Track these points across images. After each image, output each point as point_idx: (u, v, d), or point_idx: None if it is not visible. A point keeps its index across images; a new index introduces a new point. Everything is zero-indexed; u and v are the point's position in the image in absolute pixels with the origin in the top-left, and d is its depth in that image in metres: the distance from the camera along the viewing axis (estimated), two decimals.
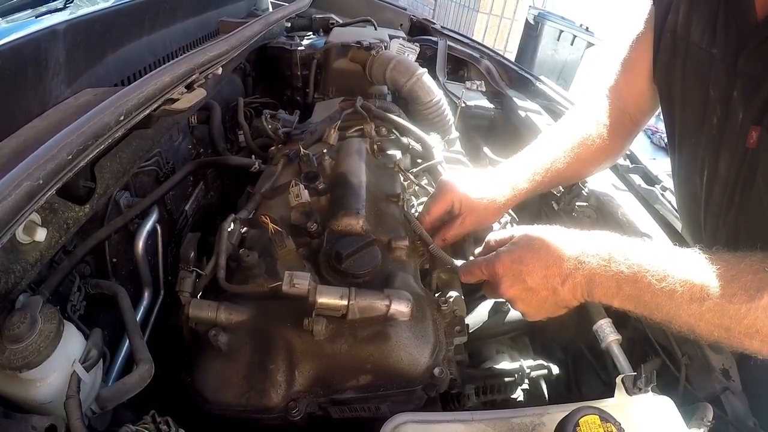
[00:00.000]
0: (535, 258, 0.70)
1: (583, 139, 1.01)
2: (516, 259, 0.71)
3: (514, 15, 5.16)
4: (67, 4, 1.25)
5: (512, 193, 0.97)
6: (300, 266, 0.87)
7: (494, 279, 0.74)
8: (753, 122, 0.73)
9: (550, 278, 0.70)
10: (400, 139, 1.35)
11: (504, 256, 0.73)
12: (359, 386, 0.75)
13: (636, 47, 0.98)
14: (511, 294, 0.73)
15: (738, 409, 0.77)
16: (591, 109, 1.05)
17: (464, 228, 0.97)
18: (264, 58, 1.95)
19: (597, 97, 1.06)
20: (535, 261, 0.70)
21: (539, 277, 0.70)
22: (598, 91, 1.07)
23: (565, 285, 0.69)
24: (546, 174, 0.98)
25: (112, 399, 0.63)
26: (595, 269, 0.67)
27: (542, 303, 0.73)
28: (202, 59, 0.93)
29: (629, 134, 1.07)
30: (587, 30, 5.47)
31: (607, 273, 0.67)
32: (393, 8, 2.60)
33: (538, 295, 0.72)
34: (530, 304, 0.73)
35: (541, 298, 0.72)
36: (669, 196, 1.23)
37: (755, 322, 0.58)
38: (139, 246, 0.93)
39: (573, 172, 1.02)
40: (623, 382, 0.71)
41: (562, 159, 0.99)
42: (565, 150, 1.00)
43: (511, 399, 0.93)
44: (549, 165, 0.98)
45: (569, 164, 0.99)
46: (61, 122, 0.81)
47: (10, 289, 0.64)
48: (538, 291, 0.71)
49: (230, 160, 1.27)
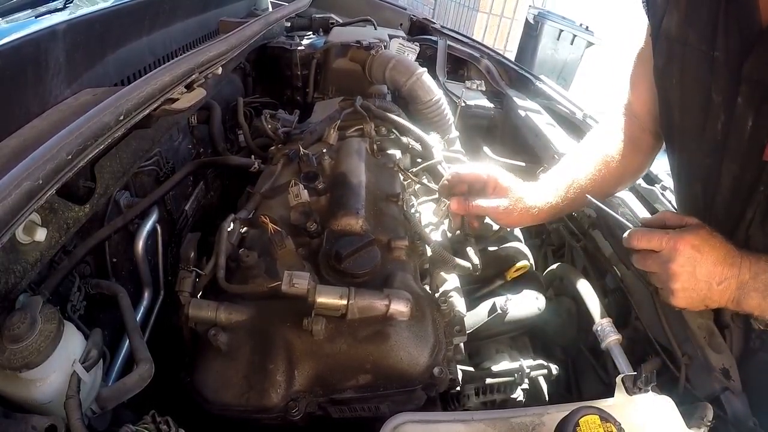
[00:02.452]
0: (711, 253, 0.73)
1: (605, 160, 1.01)
2: (698, 245, 0.74)
3: (514, 14, 5.16)
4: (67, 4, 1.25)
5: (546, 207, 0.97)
6: (299, 266, 0.87)
7: (670, 253, 0.75)
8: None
9: (714, 275, 0.73)
10: (399, 139, 1.35)
11: (689, 237, 0.74)
12: (359, 386, 0.75)
13: (639, 62, 0.99)
14: (676, 271, 0.75)
15: (738, 409, 0.77)
16: (610, 129, 1.06)
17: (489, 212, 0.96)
18: (264, 58, 1.95)
19: (615, 116, 1.07)
20: (711, 255, 0.73)
21: (707, 269, 0.73)
22: (615, 110, 1.07)
23: (720, 285, 0.73)
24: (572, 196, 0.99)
25: (112, 399, 0.63)
26: (746, 280, 0.72)
27: (694, 292, 0.75)
28: (202, 59, 0.93)
29: (651, 149, 1.06)
30: (587, 29, 5.46)
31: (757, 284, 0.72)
32: (393, 8, 2.60)
33: (696, 285, 0.74)
34: (685, 288, 0.75)
35: (697, 288, 0.75)
36: (669, 195, 1.23)
37: None
38: (139, 246, 0.93)
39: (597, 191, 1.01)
40: (623, 382, 0.71)
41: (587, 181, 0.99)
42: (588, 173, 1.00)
43: (511, 399, 0.93)
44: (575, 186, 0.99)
45: (594, 185, 1.00)
46: (61, 122, 0.81)
47: (10, 289, 0.64)
48: (699, 281, 0.74)
49: (230, 160, 1.27)
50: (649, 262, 0.79)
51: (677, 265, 0.74)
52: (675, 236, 0.75)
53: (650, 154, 1.07)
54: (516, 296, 1.04)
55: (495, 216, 0.97)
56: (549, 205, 0.97)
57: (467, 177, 0.98)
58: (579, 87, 5.58)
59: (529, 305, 1.03)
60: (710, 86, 0.79)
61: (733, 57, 0.74)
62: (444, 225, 1.10)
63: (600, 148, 1.03)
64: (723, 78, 0.76)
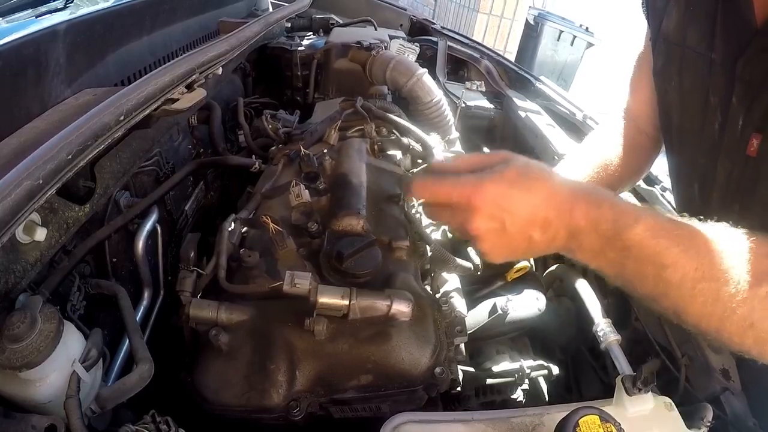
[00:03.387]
0: (523, 200, 0.57)
1: (603, 163, 1.02)
2: (501, 194, 0.57)
3: (514, 15, 5.16)
4: (67, 4, 1.25)
5: None
6: (301, 266, 0.87)
7: (467, 209, 0.59)
8: (754, 130, 0.72)
9: (532, 226, 0.59)
10: (400, 140, 1.35)
11: (489, 186, 0.57)
12: (360, 386, 0.75)
13: (639, 66, 1.00)
14: (480, 232, 0.59)
15: (738, 409, 0.77)
16: (609, 132, 1.07)
17: None
18: (264, 59, 1.95)
19: (614, 120, 1.07)
20: (523, 204, 0.57)
21: (521, 222, 0.58)
22: (615, 113, 1.08)
23: (544, 235, 0.59)
24: None
25: (112, 399, 0.63)
26: (582, 227, 0.58)
27: (511, 248, 0.62)
28: (202, 59, 0.93)
29: (649, 152, 1.07)
30: (587, 30, 5.46)
31: (594, 232, 0.58)
32: (393, 8, 2.60)
33: (512, 241, 0.60)
34: (497, 246, 0.61)
35: (513, 243, 0.60)
36: (669, 196, 1.23)
37: (751, 313, 0.52)
38: (139, 246, 0.92)
39: None
40: (623, 383, 0.71)
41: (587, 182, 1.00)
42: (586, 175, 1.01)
43: (511, 399, 0.93)
44: None
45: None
46: (61, 122, 0.81)
47: (10, 289, 0.64)
48: (513, 236, 0.59)
49: (230, 160, 1.27)
50: (445, 218, 0.64)
51: (477, 223, 0.58)
52: (469, 186, 0.58)
53: (649, 157, 1.08)
54: (516, 297, 1.04)
55: None
56: None
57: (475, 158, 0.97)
58: (579, 88, 5.58)
59: (530, 306, 1.03)
60: (708, 88, 0.79)
61: (728, 58, 0.75)
62: (444, 225, 1.10)
63: (599, 151, 1.04)
64: (720, 79, 0.77)
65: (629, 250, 0.57)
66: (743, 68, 0.72)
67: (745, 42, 0.71)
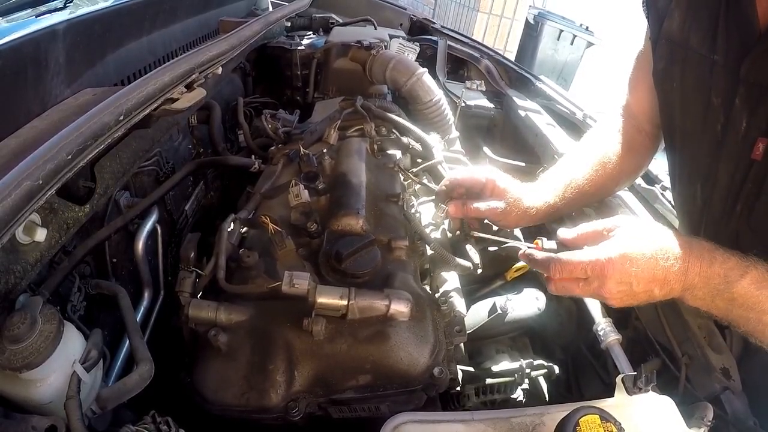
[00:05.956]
0: (645, 264, 0.67)
1: (602, 161, 1.02)
2: (626, 260, 0.67)
3: (514, 15, 5.16)
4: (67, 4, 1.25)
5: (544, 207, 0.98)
6: (300, 266, 0.87)
7: (598, 279, 0.69)
8: (760, 134, 0.72)
9: (653, 284, 0.69)
10: (400, 139, 1.35)
11: (616, 258, 0.67)
12: (359, 386, 0.75)
13: (638, 64, 1.00)
14: (611, 294, 0.70)
15: (738, 409, 0.77)
16: (607, 130, 1.07)
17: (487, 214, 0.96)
18: (264, 58, 1.95)
19: (613, 117, 1.07)
20: (646, 267, 0.67)
21: (645, 283, 0.68)
22: (613, 111, 1.08)
23: (662, 290, 0.70)
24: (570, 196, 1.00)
25: (112, 399, 0.63)
26: (696, 283, 0.68)
27: (636, 301, 0.72)
28: (202, 59, 0.93)
29: (648, 150, 1.07)
30: (587, 30, 5.46)
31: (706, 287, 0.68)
32: (393, 8, 2.60)
33: (636, 296, 0.70)
34: (624, 301, 0.71)
35: (638, 297, 0.71)
36: (669, 195, 1.23)
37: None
38: (139, 246, 0.93)
39: (595, 191, 1.03)
40: (623, 382, 0.71)
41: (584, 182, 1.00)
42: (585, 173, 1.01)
43: (511, 399, 0.93)
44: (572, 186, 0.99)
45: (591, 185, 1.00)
46: (61, 122, 0.81)
47: (10, 289, 0.64)
48: (638, 294, 0.70)
49: (230, 160, 1.27)
50: (577, 290, 0.73)
51: (609, 289, 0.69)
52: (600, 260, 0.68)
53: (647, 155, 1.08)
54: (516, 296, 1.04)
55: (493, 218, 0.97)
56: (547, 205, 0.98)
57: (465, 181, 0.98)
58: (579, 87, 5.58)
59: (530, 305, 1.03)
60: (710, 89, 0.79)
61: (732, 60, 0.75)
62: (444, 225, 1.10)
63: (597, 149, 1.03)
64: (722, 81, 0.77)
65: (736, 300, 0.67)
66: (747, 70, 0.72)
67: (749, 44, 0.71)
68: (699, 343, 0.84)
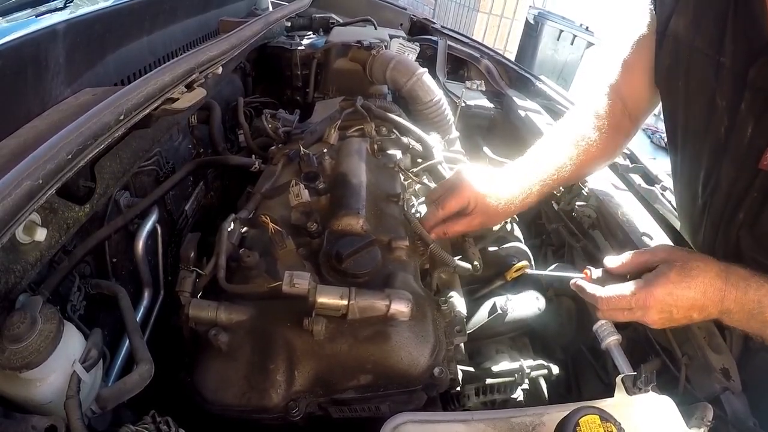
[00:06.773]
0: (685, 296, 0.73)
1: (584, 142, 1.02)
2: (668, 293, 0.73)
3: (514, 15, 5.16)
4: (67, 4, 1.25)
5: (522, 199, 0.98)
6: (300, 266, 0.87)
7: (642, 310, 0.76)
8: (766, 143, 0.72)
9: (692, 311, 0.74)
10: (400, 139, 1.35)
11: (657, 291, 0.73)
12: (359, 386, 0.75)
13: (637, 49, 0.97)
14: (654, 322, 0.76)
15: (738, 409, 0.77)
16: (591, 109, 1.05)
17: (471, 227, 0.98)
18: (264, 58, 1.95)
19: (597, 96, 1.06)
20: (685, 299, 0.73)
21: (684, 310, 0.74)
22: (598, 90, 1.07)
23: (700, 315, 0.74)
24: (552, 180, 1.00)
25: (112, 399, 0.63)
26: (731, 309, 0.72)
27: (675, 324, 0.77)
28: (202, 59, 0.93)
29: (627, 134, 1.07)
30: (587, 30, 5.46)
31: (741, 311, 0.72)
32: (393, 8, 2.60)
33: (676, 321, 0.76)
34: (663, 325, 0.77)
35: (677, 322, 0.76)
36: (669, 195, 1.23)
37: None
38: (139, 246, 0.92)
39: (575, 174, 1.04)
40: (623, 382, 0.71)
41: (567, 164, 1.01)
42: (568, 155, 1.01)
43: (511, 399, 0.93)
44: (554, 172, 1.00)
45: (573, 168, 1.01)
46: (61, 122, 0.81)
47: (10, 289, 0.64)
48: (678, 320, 0.75)
49: (230, 159, 1.27)
50: (621, 318, 0.80)
51: (652, 318, 0.75)
52: (644, 292, 0.74)
53: (627, 137, 1.10)
54: (516, 296, 1.04)
55: (475, 230, 1.00)
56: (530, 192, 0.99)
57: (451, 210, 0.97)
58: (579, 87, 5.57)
59: (530, 305, 1.03)
60: (715, 90, 0.79)
61: (739, 63, 0.74)
62: None
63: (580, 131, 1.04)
64: (728, 83, 0.77)
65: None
66: (756, 76, 0.72)
67: (758, 49, 0.71)
68: (699, 344, 0.84)
